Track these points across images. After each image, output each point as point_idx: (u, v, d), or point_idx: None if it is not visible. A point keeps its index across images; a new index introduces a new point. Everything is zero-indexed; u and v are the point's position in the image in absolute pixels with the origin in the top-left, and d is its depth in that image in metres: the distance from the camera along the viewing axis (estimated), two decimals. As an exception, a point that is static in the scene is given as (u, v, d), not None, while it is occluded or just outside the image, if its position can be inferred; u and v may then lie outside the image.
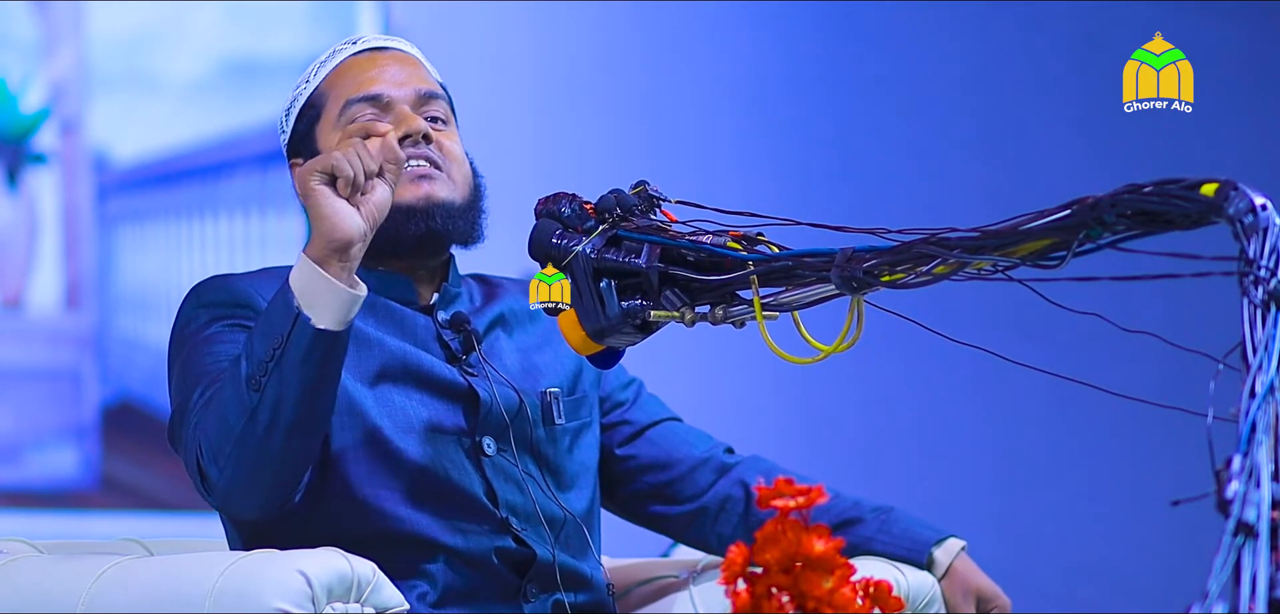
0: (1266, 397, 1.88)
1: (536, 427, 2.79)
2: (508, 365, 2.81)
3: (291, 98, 2.85)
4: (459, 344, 2.79)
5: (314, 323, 2.52)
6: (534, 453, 2.78)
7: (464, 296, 2.85)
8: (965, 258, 2.21)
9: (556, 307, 2.48)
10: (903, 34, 5.70)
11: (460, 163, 2.80)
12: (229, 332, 2.69)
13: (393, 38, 2.89)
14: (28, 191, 5.19)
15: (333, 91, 2.80)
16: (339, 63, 2.83)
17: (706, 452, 2.95)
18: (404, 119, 2.76)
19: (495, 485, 2.74)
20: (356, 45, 2.84)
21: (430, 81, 2.83)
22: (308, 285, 2.53)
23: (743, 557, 2.03)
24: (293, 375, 2.52)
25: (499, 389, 2.77)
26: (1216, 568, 1.77)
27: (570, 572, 2.76)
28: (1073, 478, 5.68)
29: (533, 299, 2.48)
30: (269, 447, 2.54)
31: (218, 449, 2.55)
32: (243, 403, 2.53)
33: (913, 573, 2.86)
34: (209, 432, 2.56)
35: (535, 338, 2.87)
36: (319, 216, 2.55)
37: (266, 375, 2.52)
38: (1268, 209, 2.00)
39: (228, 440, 2.54)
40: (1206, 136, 5.21)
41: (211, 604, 2.40)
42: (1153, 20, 2.37)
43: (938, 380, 5.62)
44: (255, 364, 2.53)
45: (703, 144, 5.54)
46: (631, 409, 2.95)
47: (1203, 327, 2.32)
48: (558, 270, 2.48)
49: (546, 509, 2.76)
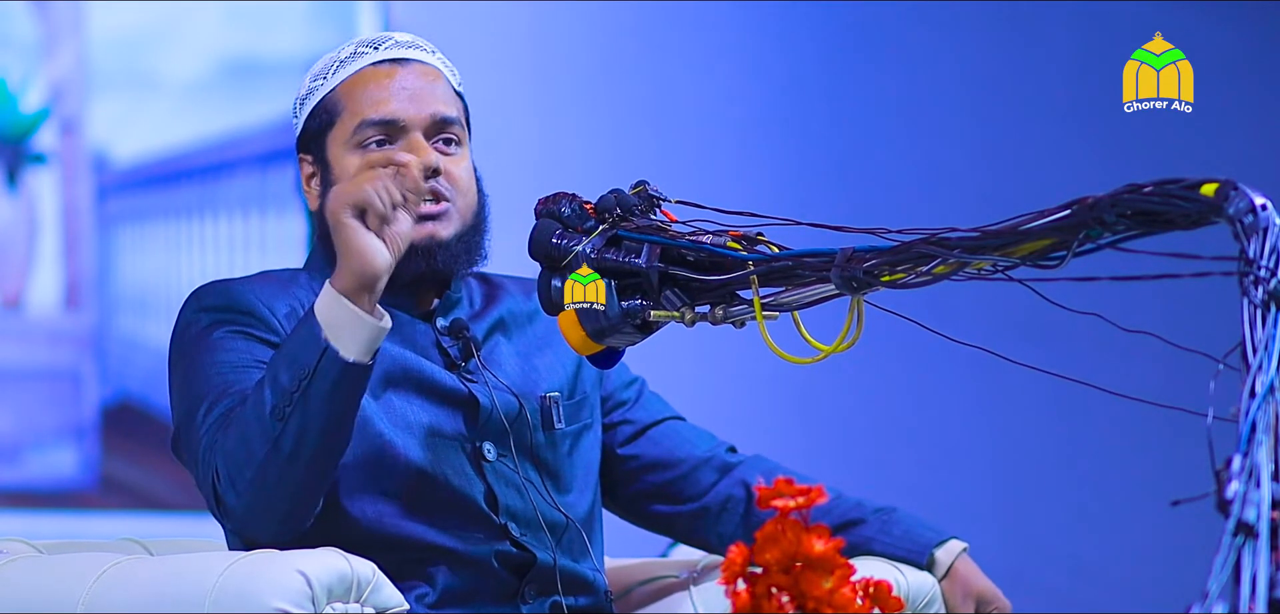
0: (1266, 397, 1.88)
1: (536, 431, 2.79)
2: (507, 370, 2.81)
3: (307, 88, 2.82)
4: (458, 351, 2.79)
5: (341, 354, 2.53)
6: (534, 458, 2.79)
7: (464, 301, 2.85)
8: (965, 258, 2.21)
9: (590, 306, 2.47)
10: (903, 34, 5.70)
11: (466, 191, 2.78)
12: (232, 339, 2.69)
13: (414, 44, 2.84)
14: (28, 191, 5.19)
15: (348, 102, 2.77)
16: (358, 69, 2.79)
17: (708, 451, 2.95)
18: (415, 150, 2.75)
19: (495, 491, 2.74)
20: (377, 50, 2.80)
21: (447, 100, 2.80)
22: (334, 317, 2.55)
23: (743, 557, 2.03)
24: (318, 407, 2.53)
25: (498, 395, 2.77)
26: (1216, 568, 1.77)
27: (570, 575, 2.76)
28: (1073, 478, 5.68)
29: (567, 299, 2.48)
30: (290, 476, 2.56)
31: (237, 476, 2.56)
32: (266, 432, 2.54)
33: (913, 573, 2.86)
34: (228, 457, 2.57)
35: (535, 340, 2.86)
36: (350, 251, 2.56)
37: (291, 406, 2.53)
38: (1268, 209, 2.00)
39: (248, 468, 2.55)
40: (1206, 136, 5.21)
41: (211, 604, 2.40)
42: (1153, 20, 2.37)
43: (938, 380, 5.62)
44: (280, 394, 2.54)
45: (703, 144, 5.54)
46: (634, 408, 2.95)
47: (1203, 327, 2.32)
48: (593, 271, 2.47)
49: (547, 514, 2.76)
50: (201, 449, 2.61)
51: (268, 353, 2.68)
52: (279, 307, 2.73)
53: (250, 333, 2.69)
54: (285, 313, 2.73)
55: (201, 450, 2.61)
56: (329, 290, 2.56)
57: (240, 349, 2.67)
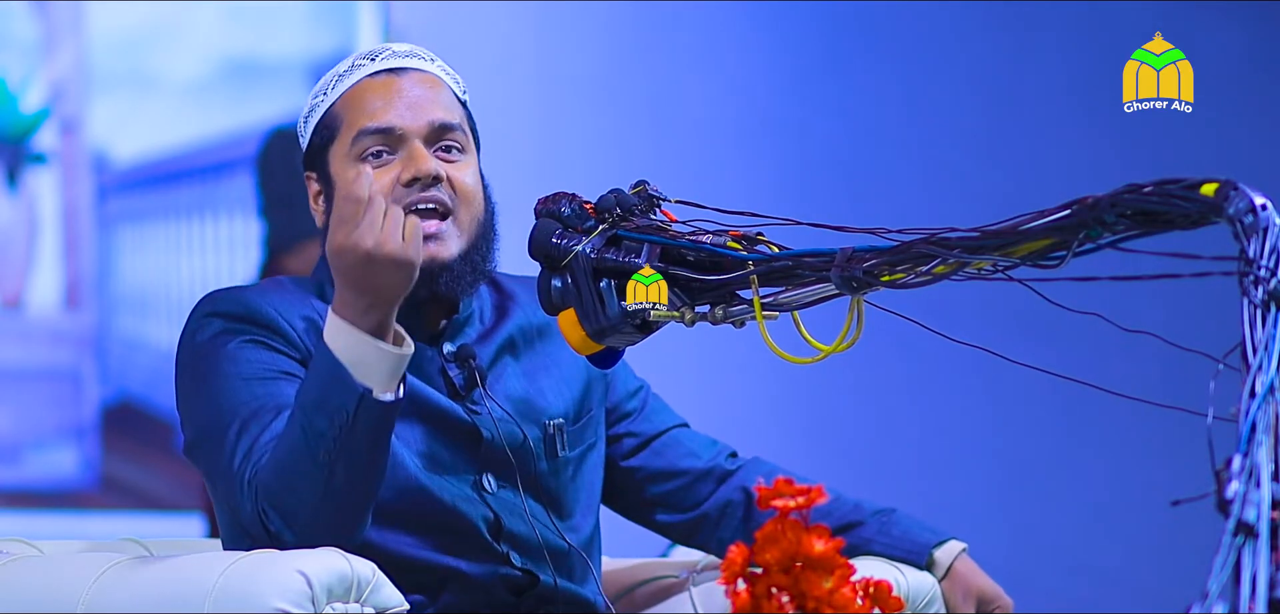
0: (1266, 397, 1.88)
1: (540, 461, 2.78)
2: (514, 396, 2.79)
3: (310, 105, 2.79)
4: (462, 381, 2.77)
5: (378, 395, 2.52)
6: (536, 487, 2.77)
7: (475, 318, 2.81)
8: (965, 258, 2.21)
9: (651, 308, 2.46)
10: (903, 34, 5.70)
11: (470, 199, 2.74)
12: (252, 349, 2.66)
13: (413, 53, 2.80)
14: (28, 191, 5.19)
15: (347, 114, 2.74)
16: (356, 82, 2.76)
17: (710, 461, 2.94)
18: (415, 159, 2.70)
19: (498, 519, 2.73)
20: (375, 61, 2.76)
21: (447, 107, 2.76)
22: (359, 357, 2.53)
23: (743, 557, 2.03)
24: (363, 450, 2.53)
25: (502, 425, 2.75)
26: (1216, 568, 1.78)
27: (570, 598, 2.76)
28: (1073, 478, 5.68)
29: (630, 300, 2.46)
30: (345, 509, 2.55)
31: (291, 515, 2.54)
32: (312, 478, 2.53)
33: (913, 573, 2.86)
34: (276, 500, 2.55)
35: (543, 358, 2.84)
36: (375, 292, 2.53)
37: (335, 453, 2.52)
38: (1268, 209, 2.00)
39: (302, 511, 2.54)
40: (1206, 136, 5.21)
41: (211, 604, 2.40)
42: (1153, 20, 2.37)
43: (938, 380, 5.62)
44: (317, 438, 2.52)
45: (703, 144, 5.54)
46: (638, 420, 2.94)
47: (1203, 327, 2.32)
48: (655, 271, 2.45)
49: (549, 541, 2.76)
50: (237, 478, 2.58)
51: (288, 364, 2.66)
52: (295, 318, 2.70)
53: (269, 344, 2.66)
54: (303, 325, 2.69)
55: (237, 479, 2.58)
56: (345, 327, 2.53)
57: (263, 361, 2.65)
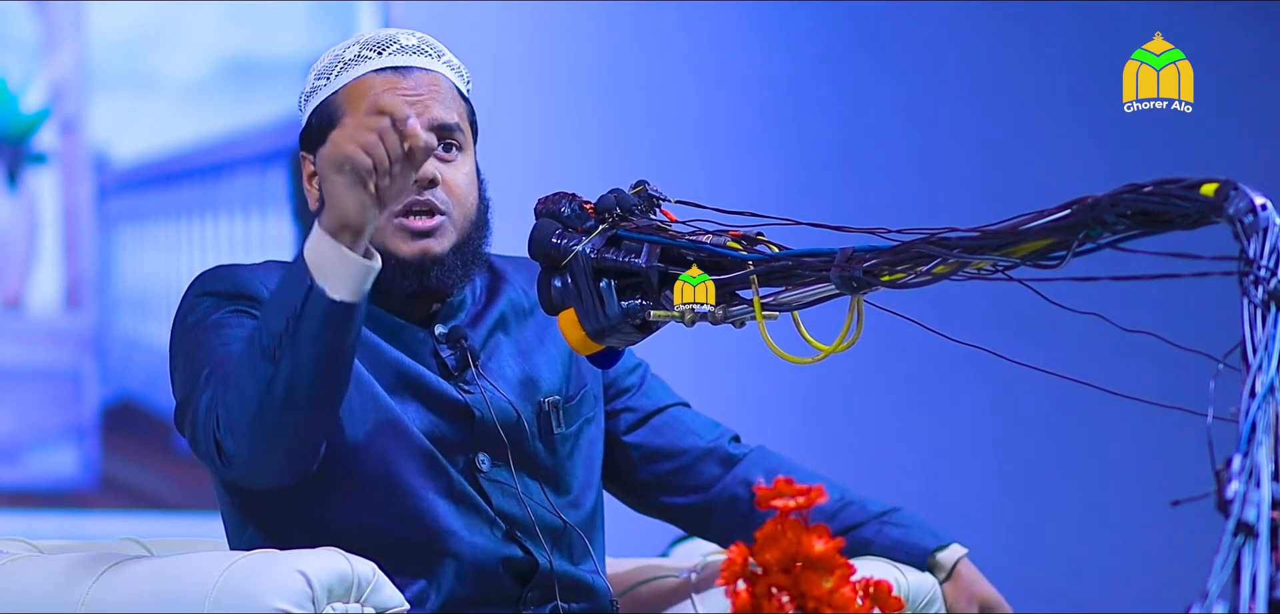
0: (1266, 397, 1.88)
1: (535, 440, 2.78)
2: (507, 374, 2.80)
3: (311, 85, 2.79)
4: (455, 361, 2.78)
5: (328, 293, 2.52)
6: (532, 466, 2.78)
7: (467, 301, 2.83)
8: (965, 258, 2.21)
9: (697, 308, 2.45)
10: (903, 34, 5.70)
11: (463, 199, 2.76)
12: (234, 318, 2.68)
13: (420, 48, 2.80)
14: (28, 191, 5.19)
15: (348, 108, 2.74)
16: (360, 75, 2.76)
17: (712, 441, 2.94)
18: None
19: (492, 499, 2.74)
20: (381, 55, 2.77)
21: (448, 106, 2.76)
22: (322, 257, 2.53)
23: (743, 557, 2.03)
24: (308, 347, 2.51)
25: (496, 404, 2.76)
26: (1216, 568, 1.78)
27: (570, 580, 2.76)
28: (1073, 478, 5.69)
29: (677, 300, 2.46)
30: (286, 418, 2.54)
31: (235, 422, 2.55)
32: (258, 375, 2.52)
33: (913, 573, 2.86)
34: (226, 404, 2.56)
35: (535, 332, 2.85)
36: (335, 200, 2.54)
37: (281, 347, 2.51)
38: (1268, 209, 2.00)
39: (245, 413, 2.54)
40: (1206, 136, 5.21)
41: (211, 604, 2.40)
42: (1153, 20, 2.37)
43: (938, 380, 5.62)
44: (269, 336, 2.52)
45: (703, 144, 5.54)
46: (636, 395, 2.94)
47: (1203, 327, 2.32)
48: (702, 271, 2.45)
49: (545, 521, 2.76)
50: (202, 408, 2.60)
51: None
52: None
53: (254, 315, 2.67)
54: None
55: (202, 410, 2.60)
56: (316, 231, 2.54)
57: (245, 328, 2.66)
